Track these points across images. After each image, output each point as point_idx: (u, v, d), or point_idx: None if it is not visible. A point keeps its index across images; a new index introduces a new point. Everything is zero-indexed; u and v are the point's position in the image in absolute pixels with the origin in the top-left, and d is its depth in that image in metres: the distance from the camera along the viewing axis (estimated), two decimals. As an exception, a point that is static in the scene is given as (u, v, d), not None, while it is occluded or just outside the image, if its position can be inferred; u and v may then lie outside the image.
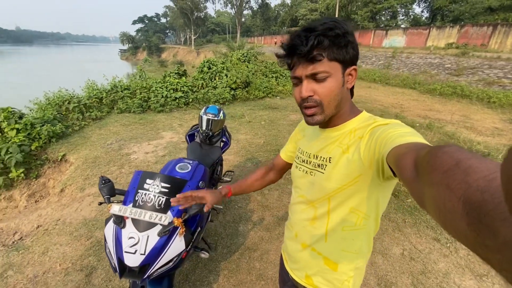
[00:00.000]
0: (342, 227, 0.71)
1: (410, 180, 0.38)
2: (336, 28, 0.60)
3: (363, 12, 25.99)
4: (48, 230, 2.42)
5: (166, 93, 6.21)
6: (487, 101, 7.54)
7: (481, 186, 0.23)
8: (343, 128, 0.71)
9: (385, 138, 0.54)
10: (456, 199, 0.25)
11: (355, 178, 0.64)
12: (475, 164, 0.26)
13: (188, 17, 48.34)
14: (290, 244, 0.88)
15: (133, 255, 1.13)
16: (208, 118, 2.21)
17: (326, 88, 0.64)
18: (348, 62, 0.64)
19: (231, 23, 59.73)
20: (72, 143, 4.18)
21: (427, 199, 0.31)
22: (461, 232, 0.24)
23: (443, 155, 0.30)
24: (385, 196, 0.69)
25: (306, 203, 0.78)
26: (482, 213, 0.21)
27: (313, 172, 0.74)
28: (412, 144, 0.46)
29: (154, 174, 1.31)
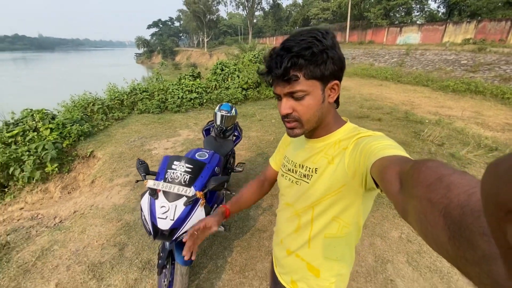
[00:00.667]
0: (324, 234, 0.73)
1: (394, 193, 0.39)
2: (314, 46, 0.59)
3: (376, 10, 25.61)
4: (84, 214, 2.78)
5: (182, 94, 6.59)
6: (501, 97, 7.42)
7: (462, 201, 0.24)
8: (328, 139, 0.72)
9: (369, 150, 0.55)
10: (437, 213, 0.25)
11: (339, 188, 0.66)
12: (456, 180, 0.27)
13: (201, 20, 49.28)
14: (277, 249, 0.91)
15: (164, 220, 1.42)
16: (221, 115, 2.48)
17: (304, 106, 0.64)
18: (328, 78, 0.63)
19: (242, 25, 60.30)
20: (99, 141, 4.59)
21: (410, 211, 0.32)
22: (442, 245, 0.24)
23: (426, 169, 0.31)
24: (367, 206, 0.71)
25: (291, 211, 0.80)
26: (462, 227, 0.22)
27: (299, 182, 0.76)
28: (395, 157, 0.47)
29: (180, 157, 1.60)
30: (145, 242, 2.30)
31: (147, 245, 2.27)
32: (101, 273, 2.00)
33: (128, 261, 2.11)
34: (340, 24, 31.64)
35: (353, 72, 13.17)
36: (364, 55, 18.42)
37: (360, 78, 12.02)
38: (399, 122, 5.60)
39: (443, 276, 1.98)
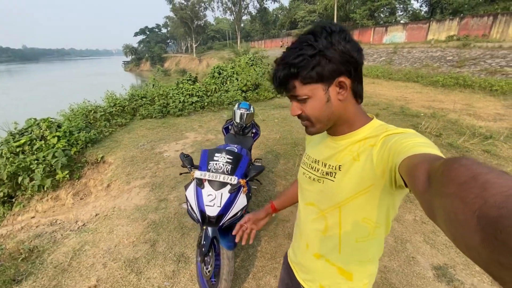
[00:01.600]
0: (356, 238, 0.71)
1: (422, 191, 0.37)
2: (305, 51, 0.60)
3: (361, 11, 26.33)
4: (108, 215, 2.84)
5: (183, 98, 6.67)
6: (490, 90, 7.82)
7: (499, 202, 0.23)
8: (352, 136, 0.69)
9: (399, 148, 0.53)
10: (470, 213, 0.24)
11: (367, 187, 0.63)
12: (493, 179, 0.25)
13: (188, 26, 49.36)
14: (301, 254, 0.85)
15: (212, 207, 1.52)
16: (241, 112, 2.61)
17: (308, 108, 0.66)
18: (328, 77, 0.62)
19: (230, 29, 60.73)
20: (107, 147, 4.62)
21: (438, 210, 0.31)
22: (473, 248, 0.23)
23: (460, 167, 0.29)
24: (396, 203, 0.68)
25: (316, 212, 0.76)
26: (498, 229, 0.21)
27: (322, 180, 0.73)
28: (426, 155, 0.44)
29: (220, 149, 1.71)
30: (174, 237, 2.39)
31: (177, 240, 2.36)
32: (139, 268, 2.07)
33: (162, 255, 2.19)
34: (327, 26, 32.27)
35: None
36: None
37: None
38: (396, 116, 5.84)
39: (459, 251, 2.15)
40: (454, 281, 1.87)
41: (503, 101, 6.96)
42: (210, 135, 4.99)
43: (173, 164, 3.79)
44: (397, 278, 1.91)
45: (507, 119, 5.48)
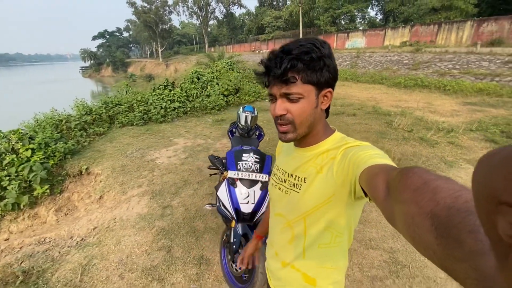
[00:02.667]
0: (318, 244, 0.74)
1: (382, 199, 0.40)
2: (312, 52, 0.61)
3: (324, 18, 27.88)
4: (109, 227, 2.72)
5: (165, 104, 6.52)
6: (444, 89, 8.82)
7: (448, 203, 0.26)
8: (317, 148, 0.73)
9: (357, 160, 0.57)
10: (424, 215, 0.27)
11: (329, 197, 0.66)
12: (442, 184, 0.29)
13: (153, 30, 47.83)
14: (272, 262, 0.89)
15: (246, 205, 1.60)
16: (246, 115, 2.70)
17: (298, 108, 0.65)
18: (322, 84, 0.65)
19: (197, 34, 60.04)
20: (90, 157, 4.37)
21: (397, 215, 0.33)
22: (429, 246, 0.26)
23: (413, 175, 0.33)
24: (357, 214, 0.72)
25: (283, 222, 0.80)
26: (449, 227, 0.24)
27: (289, 191, 0.76)
28: (383, 166, 0.48)
29: (247, 150, 1.79)
30: (189, 241, 2.39)
31: (193, 243, 2.36)
32: (159, 275, 2.05)
33: (180, 260, 2.18)
34: (293, 32, 33.59)
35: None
36: (320, 59, 19.81)
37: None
38: (371, 115, 6.34)
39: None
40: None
41: (456, 99, 7.91)
42: (200, 140, 4.97)
43: (170, 171, 3.72)
44: (403, 257, 2.15)
45: (462, 114, 6.26)
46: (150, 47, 63.11)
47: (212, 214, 2.75)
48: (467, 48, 13.78)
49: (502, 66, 9.78)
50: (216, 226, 2.58)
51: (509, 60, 9.85)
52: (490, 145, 4.31)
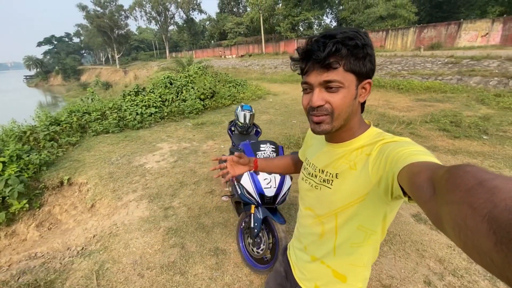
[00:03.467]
0: (350, 243, 0.72)
1: (426, 199, 0.37)
2: (356, 39, 0.58)
3: (284, 24, 29.14)
4: (113, 233, 2.68)
5: (140, 110, 6.36)
6: (398, 88, 9.91)
7: (510, 205, 0.23)
8: (351, 144, 0.69)
9: (396, 156, 0.53)
10: (480, 218, 0.24)
11: (363, 195, 0.63)
12: (500, 184, 0.26)
13: (107, 35, 45.21)
14: (300, 254, 0.87)
15: (269, 189, 1.79)
16: (244, 114, 2.88)
17: (338, 99, 0.62)
18: (363, 75, 0.63)
19: (156, 39, 58.15)
20: (69, 168, 4.14)
21: (445, 218, 0.31)
22: (485, 253, 0.23)
23: (465, 174, 0.30)
24: (393, 212, 0.68)
25: (314, 217, 0.77)
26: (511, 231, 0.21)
27: (319, 187, 0.74)
28: (426, 163, 0.45)
29: (263, 141, 1.98)
30: (201, 236, 2.48)
31: (205, 238, 2.46)
32: (180, 268, 2.12)
33: (197, 253, 2.27)
34: (255, 37, 34.48)
35: (283, 79, 14.81)
36: (283, 64, 20.64)
37: (290, 83, 13.65)
38: (341, 113, 6.91)
39: (422, 202, 2.91)
40: (428, 221, 2.57)
41: (409, 96, 8.95)
42: (184, 143, 4.98)
43: (162, 174, 3.71)
44: (392, 227, 2.51)
45: (416, 109, 7.14)
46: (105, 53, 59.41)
47: (217, 210, 2.86)
48: (412, 52, 15.61)
49: (442, 66, 11.31)
50: (223, 220, 2.70)
51: (448, 61, 11.42)
52: (443, 133, 5.05)
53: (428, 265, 2.06)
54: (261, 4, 29.18)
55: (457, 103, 7.35)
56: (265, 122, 6.36)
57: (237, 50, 35.77)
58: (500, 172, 3.45)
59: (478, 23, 15.79)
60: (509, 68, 9.31)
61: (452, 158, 3.99)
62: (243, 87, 9.83)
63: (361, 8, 24.05)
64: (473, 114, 6.15)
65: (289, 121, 6.35)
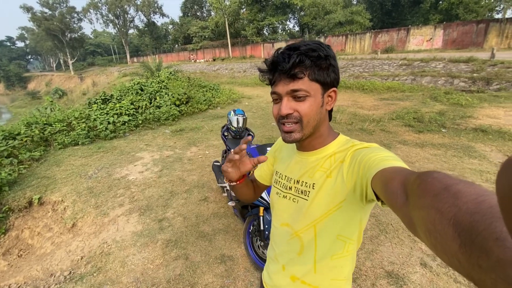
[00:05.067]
0: (331, 256, 0.71)
1: (399, 205, 0.39)
2: (319, 50, 0.61)
3: (250, 28, 29.55)
4: (104, 252, 2.49)
5: (112, 119, 5.98)
6: (362, 89, 10.64)
7: (471, 208, 0.24)
8: (322, 152, 0.71)
9: (368, 162, 0.55)
10: (446, 221, 0.26)
11: (339, 202, 0.64)
12: (463, 189, 0.27)
13: (58, 39, 41.59)
14: (278, 277, 0.83)
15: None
16: (238, 118, 2.89)
17: (305, 107, 0.64)
18: (328, 84, 0.65)
19: (115, 43, 54.94)
20: (37, 185, 3.75)
21: (417, 222, 0.32)
22: (453, 254, 0.24)
23: (433, 180, 0.31)
24: (366, 217, 0.70)
25: (291, 232, 0.75)
26: (473, 234, 0.22)
27: (297, 199, 0.73)
28: (397, 169, 0.47)
29: (268, 144, 2.01)
30: (204, 245, 2.42)
31: (208, 246, 2.41)
32: (189, 280, 2.05)
33: (203, 263, 2.22)
34: (221, 41, 34.39)
35: (254, 82, 14.98)
36: (252, 68, 20.87)
37: (262, 87, 13.86)
38: (315, 114, 7.22)
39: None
40: (413, 210, 2.81)
41: (373, 96, 9.66)
42: (166, 151, 4.80)
43: (149, 185, 3.54)
44: (384, 218, 2.70)
45: (381, 108, 7.74)
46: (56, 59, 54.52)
47: (215, 217, 2.82)
48: (371, 55, 16.86)
49: (398, 68, 12.40)
50: (224, 226, 2.67)
51: (402, 63, 12.55)
52: (409, 128, 5.55)
53: (421, 248, 2.26)
54: (225, 8, 29.27)
55: (415, 101, 8.12)
56: (244, 125, 6.39)
57: (204, 54, 35.36)
58: (461, 159, 3.91)
59: (423, 29, 17.63)
60: (452, 68, 10.54)
61: (420, 150, 4.41)
62: (216, 91, 9.75)
63: (321, 14, 25.36)
64: (430, 110, 6.85)
65: (268, 123, 6.47)
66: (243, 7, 30.72)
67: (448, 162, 3.88)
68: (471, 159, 3.92)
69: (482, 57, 10.63)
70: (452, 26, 16.41)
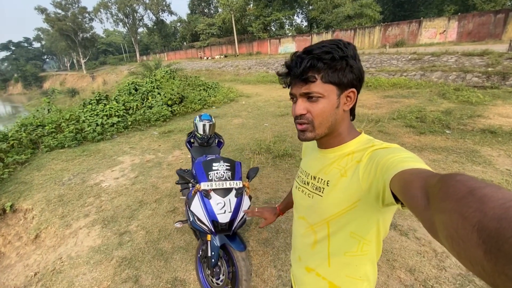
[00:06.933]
0: (344, 252, 0.71)
1: (421, 209, 0.37)
2: (334, 52, 0.61)
3: (256, 24, 29.11)
4: (56, 269, 2.33)
5: (101, 120, 5.88)
6: (366, 86, 10.14)
7: (498, 214, 0.23)
8: (341, 150, 0.70)
9: (387, 163, 0.53)
10: (470, 227, 0.24)
11: (354, 202, 0.63)
12: (490, 193, 0.26)
13: (71, 39, 42.65)
14: (295, 266, 0.87)
15: (223, 215, 1.58)
16: (204, 124, 2.65)
17: (318, 108, 0.64)
18: (345, 85, 0.64)
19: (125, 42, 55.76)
20: (13, 191, 3.67)
21: (439, 227, 0.31)
22: (477, 262, 0.23)
23: (456, 183, 0.30)
24: (386, 221, 0.68)
25: (306, 226, 0.77)
26: (500, 241, 0.21)
27: (312, 195, 0.74)
28: (417, 171, 0.45)
29: (216, 159, 1.77)
30: (158, 265, 2.22)
31: (163, 267, 2.20)
32: (131, 309, 1.85)
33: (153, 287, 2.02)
34: (228, 38, 34.14)
35: (257, 80, 14.69)
36: (258, 65, 20.57)
37: (264, 84, 13.57)
38: (312, 113, 6.88)
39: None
40: (398, 226, 2.51)
41: (377, 93, 9.17)
42: (148, 155, 4.64)
43: (120, 193, 3.38)
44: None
45: (384, 106, 7.30)
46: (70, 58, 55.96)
47: (179, 232, 2.61)
48: (379, 50, 16.16)
49: (407, 63, 11.77)
50: (185, 243, 2.46)
51: (411, 57, 11.90)
52: (409, 129, 5.15)
53: (399, 277, 1.97)
54: (232, 4, 28.94)
55: (421, 98, 7.62)
56: (236, 126, 6.16)
57: (211, 51, 35.24)
58: (462, 166, 3.53)
59: (436, 21, 16.70)
60: (465, 63, 9.86)
61: (419, 155, 4.02)
62: (214, 90, 9.54)
63: (330, 7, 24.60)
64: (436, 108, 6.37)
65: (261, 124, 6.20)
66: (250, 2, 30.29)
67: (447, 169, 3.51)
68: (474, 165, 3.53)
69: (499, 49, 9.89)
70: (467, 17, 15.45)
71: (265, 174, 3.69)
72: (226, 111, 7.63)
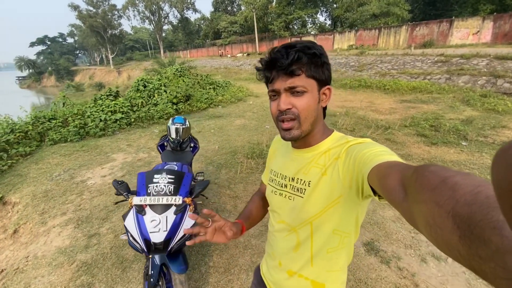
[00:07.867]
0: (327, 249, 0.72)
1: (399, 201, 0.39)
2: (314, 48, 0.63)
3: (278, 23, 28.72)
4: (19, 268, 2.32)
5: (104, 116, 5.99)
6: (384, 89, 9.56)
7: (468, 200, 0.24)
8: (317, 148, 0.71)
9: (363, 158, 0.55)
10: (445, 214, 0.26)
11: (335, 199, 0.64)
12: (460, 181, 0.27)
13: (101, 35, 44.71)
14: (275, 272, 0.84)
15: (157, 233, 1.43)
16: (176, 127, 2.52)
17: (303, 102, 0.65)
18: (323, 81, 0.67)
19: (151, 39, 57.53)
20: (7, 184, 3.78)
21: (418, 217, 0.32)
22: (453, 247, 0.24)
23: (430, 174, 0.31)
24: (363, 211, 0.71)
25: (288, 229, 0.76)
26: (472, 225, 0.22)
27: (293, 197, 0.73)
28: (392, 164, 0.47)
29: (159, 170, 1.62)
30: (114, 275, 2.12)
31: (118, 277, 2.10)
32: (72, 321, 1.77)
33: (101, 299, 1.92)
34: (249, 36, 34.02)
35: (271, 79, 14.45)
36: (275, 63, 20.26)
37: (278, 83, 13.31)
38: (319, 117, 6.56)
39: (381, 226, 2.56)
40: (380, 251, 2.22)
41: (394, 97, 8.61)
42: (142, 153, 4.62)
43: (102, 192, 3.35)
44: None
45: (398, 111, 6.80)
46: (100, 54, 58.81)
47: (145, 238, 2.51)
48: (403, 50, 15.24)
49: (432, 65, 10.96)
50: (148, 251, 2.34)
51: (438, 60, 11.07)
52: (421, 139, 4.71)
53: (367, 314, 1.72)
54: (255, 2, 28.76)
55: (441, 105, 7.01)
56: (237, 127, 6.00)
57: (231, 49, 35.36)
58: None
59: (469, 21, 15.44)
60: (497, 67, 8.97)
61: (424, 169, 3.64)
62: (224, 88, 9.46)
63: (355, 6, 23.66)
64: (455, 116, 5.81)
65: (263, 126, 6.00)
66: (272, 0, 29.94)
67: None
68: (487, 185, 3.10)
69: (538, 53, 8.90)
70: (504, 17, 14.10)
71: (252, 181, 3.51)
72: (231, 111, 7.50)
